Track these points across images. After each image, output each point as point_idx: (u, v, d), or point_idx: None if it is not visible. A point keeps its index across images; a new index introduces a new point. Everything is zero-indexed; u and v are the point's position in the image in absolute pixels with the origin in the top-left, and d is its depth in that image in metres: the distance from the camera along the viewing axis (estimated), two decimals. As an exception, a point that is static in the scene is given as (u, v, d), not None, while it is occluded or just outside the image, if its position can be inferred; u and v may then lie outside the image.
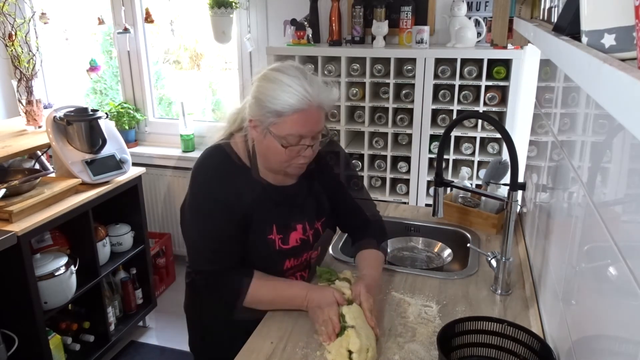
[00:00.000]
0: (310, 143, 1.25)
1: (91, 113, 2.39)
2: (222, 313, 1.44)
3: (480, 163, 2.58)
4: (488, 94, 2.46)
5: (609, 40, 0.58)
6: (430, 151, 2.62)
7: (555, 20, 0.97)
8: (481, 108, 2.47)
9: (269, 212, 1.35)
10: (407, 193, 2.73)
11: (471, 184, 2.48)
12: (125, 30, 3.23)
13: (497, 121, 1.46)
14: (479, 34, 2.53)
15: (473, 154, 2.56)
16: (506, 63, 2.44)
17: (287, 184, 1.40)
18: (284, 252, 1.38)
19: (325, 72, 2.65)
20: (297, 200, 1.41)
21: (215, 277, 1.35)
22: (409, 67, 2.54)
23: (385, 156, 2.70)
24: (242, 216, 1.32)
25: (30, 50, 2.72)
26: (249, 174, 1.34)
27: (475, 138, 2.53)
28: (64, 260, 2.20)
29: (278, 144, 1.23)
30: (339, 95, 1.29)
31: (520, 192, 1.46)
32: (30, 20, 2.80)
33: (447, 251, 1.77)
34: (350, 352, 1.16)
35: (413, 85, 2.54)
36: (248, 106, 1.27)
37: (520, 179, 1.50)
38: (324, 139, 1.31)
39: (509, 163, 1.40)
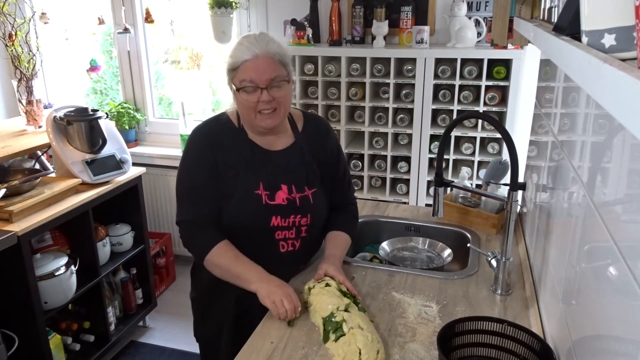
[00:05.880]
0: (263, 86, 1.37)
1: (91, 113, 2.40)
2: (216, 293, 1.54)
3: (480, 163, 2.58)
4: (488, 94, 2.46)
5: (609, 40, 0.57)
6: (430, 151, 2.62)
7: (556, 20, 0.97)
8: (481, 108, 2.47)
9: (256, 170, 1.46)
10: (407, 193, 2.73)
11: (471, 184, 2.48)
12: (125, 30, 3.22)
13: (497, 121, 1.46)
14: (479, 34, 2.53)
15: (473, 154, 2.56)
16: (506, 63, 2.44)
17: (276, 149, 1.51)
18: (270, 207, 1.46)
19: (326, 72, 2.65)
20: (285, 165, 1.50)
21: (191, 229, 1.49)
22: (409, 67, 2.55)
23: (385, 156, 2.70)
24: (227, 172, 1.45)
25: (30, 50, 2.72)
26: (238, 135, 1.48)
27: (475, 138, 2.53)
28: (64, 260, 2.20)
29: (239, 94, 1.39)
30: (288, 48, 1.45)
31: (520, 192, 1.46)
32: (30, 20, 2.79)
33: (447, 251, 1.77)
34: (359, 352, 1.16)
35: (413, 85, 2.54)
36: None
37: (521, 179, 1.50)
38: (286, 87, 1.41)
39: (509, 163, 1.40)
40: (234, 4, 2.88)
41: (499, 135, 2.50)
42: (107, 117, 2.47)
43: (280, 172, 1.48)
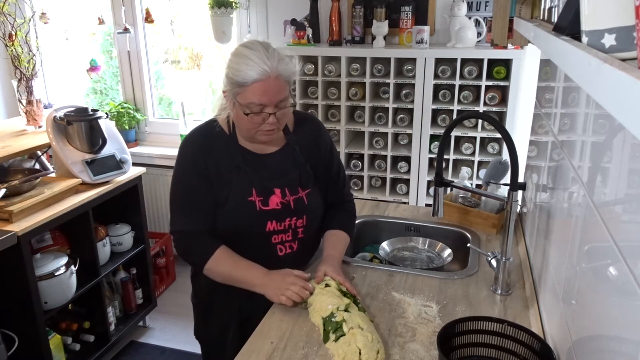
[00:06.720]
0: (272, 111, 1.35)
1: (91, 113, 2.40)
2: (217, 298, 1.54)
3: (480, 163, 2.58)
4: (488, 94, 2.46)
5: (609, 40, 0.57)
6: (430, 151, 2.62)
7: (556, 20, 0.97)
8: (481, 108, 2.47)
9: (248, 176, 1.45)
10: (407, 193, 2.73)
11: (471, 184, 2.48)
12: (126, 30, 3.23)
13: (497, 121, 1.46)
14: (479, 34, 2.53)
15: (473, 154, 2.56)
16: (506, 63, 2.44)
17: (267, 152, 1.49)
18: (265, 213, 1.45)
19: (326, 72, 2.65)
20: (278, 168, 1.49)
21: (187, 239, 1.48)
22: (409, 67, 2.55)
23: (385, 156, 2.70)
24: (220, 180, 1.43)
25: (30, 50, 2.72)
26: (229, 142, 1.46)
27: (475, 138, 2.53)
28: (64, 260, 2.20)
29: (242, 112, 1.35)
30: (298, 66, 1.42)
31: (520, 192, 1.46)
32: (30, 20, 2.79)
33: (447, 251, 1.77)
34: (359, 352, 1.16)
35: (413, 85, 2.54)
36: (223, 79, 1.41)
37: (521, 179, 1.50)
38: (289, 108, 1.41)
39: (509, 163, 1.40)
40: (234, 4, 2.88)
41: (499, 135, 2.50)
42: (107, 117, 2.47)
43: (272, 175, 1.47)
